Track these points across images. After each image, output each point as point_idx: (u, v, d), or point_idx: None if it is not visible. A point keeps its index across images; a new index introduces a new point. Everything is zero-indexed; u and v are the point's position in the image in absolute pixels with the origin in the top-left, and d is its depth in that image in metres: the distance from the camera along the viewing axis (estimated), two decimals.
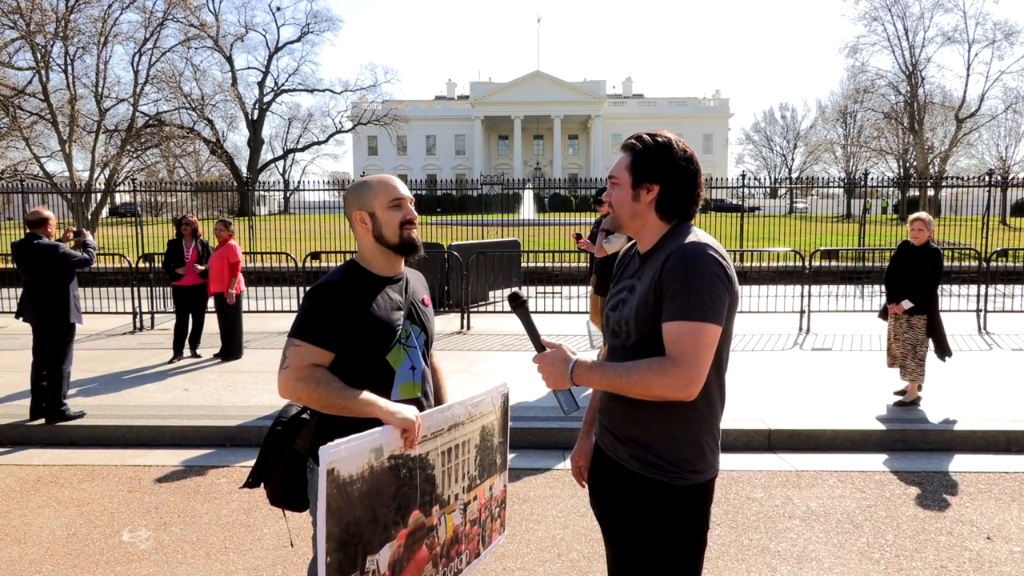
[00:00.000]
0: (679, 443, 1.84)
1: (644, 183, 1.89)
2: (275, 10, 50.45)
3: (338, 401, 1.96)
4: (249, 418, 5.72)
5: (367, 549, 1.85)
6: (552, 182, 24.63)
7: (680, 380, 1.72)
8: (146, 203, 28.54)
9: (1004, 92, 37.05)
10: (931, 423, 5.52)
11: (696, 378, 1.73)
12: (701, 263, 1.75)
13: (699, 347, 1.72)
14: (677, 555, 1.90)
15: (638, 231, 1.95)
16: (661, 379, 1.73)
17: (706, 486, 1.90)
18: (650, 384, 1.74)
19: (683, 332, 1.72)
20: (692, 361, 1.72)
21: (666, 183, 1.88)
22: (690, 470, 1.85)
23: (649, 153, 1.88)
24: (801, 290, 9.72)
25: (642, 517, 1.90)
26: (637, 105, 73.16)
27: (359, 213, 2.14)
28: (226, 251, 7.93)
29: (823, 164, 51.65)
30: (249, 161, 50.06)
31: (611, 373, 1.82)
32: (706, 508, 1.92)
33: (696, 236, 1.84)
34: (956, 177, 16.92)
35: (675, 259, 1.77)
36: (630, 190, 1.91)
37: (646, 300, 1.83)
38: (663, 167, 1.87)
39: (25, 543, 3.88)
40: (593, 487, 2.10)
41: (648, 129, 1.96)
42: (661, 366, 1.74)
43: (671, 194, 1.88)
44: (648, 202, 1.90)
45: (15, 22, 22.11)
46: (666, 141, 1.90)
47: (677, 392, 1.73)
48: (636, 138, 1.94)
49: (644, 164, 1.88)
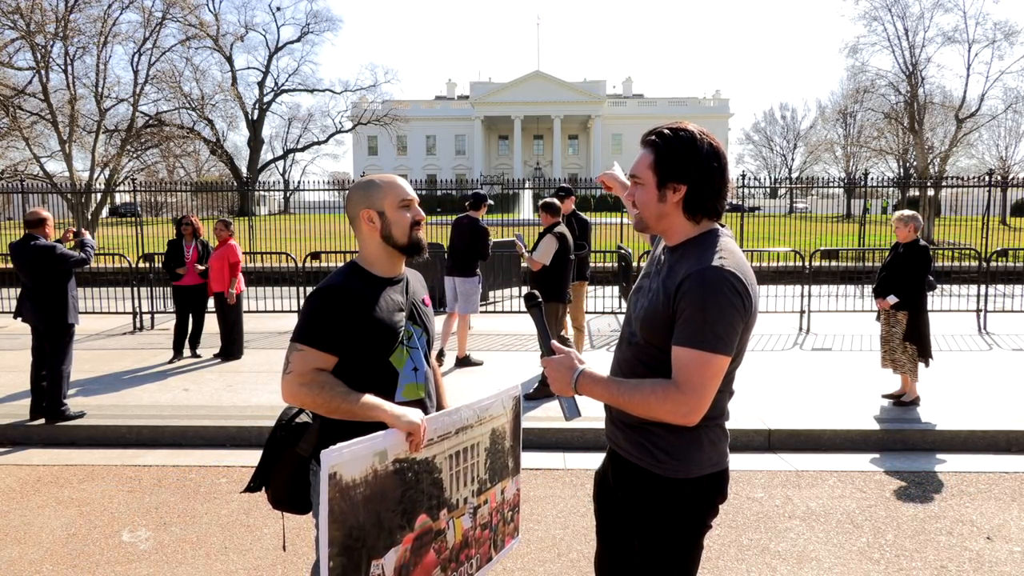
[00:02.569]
0: (675, 431, 1.80)
1: (670, 183, 1.79)
2: (275, 10, 50.55)
3: (342, 405, 1.95)
4: (249, 418, 5.71)
5: (371, 554, 1.84)
6: (552, 182, 24.58)
7: (683, 408, 1.70)
8: (146, 203, 28.54)
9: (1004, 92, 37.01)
10: (931, 423, 5.52)
11: (699, 407, 1.70)
12: (719, 292, 1.68)
13: (705, 377, 1.69)
14: (663, 553, 1.85)
15: (665, 231, 1.87)
16: (663, 404, 1.71)
17: (700, 481, 1.82)
18: (652, 407, 1.73)
19: (691, 360, 1.69)
20: (697, 390, 1.69)
21: (693, 182, 1.77)
22: (682, 460, 1.80)
23: (673, 150, 1.77)
24: (801, 290, 9.72)
25: (631, 508, 1.89)
26: (637, 105, 73.13)
27: (367, 212, 2.11)
28: (226, 251, 7.92)
29: (823, 164, 51.59)
30: (249, 161, 50.06)
31: (614, 389, 1.79)
32: (700, 506, 1.84)
33: (721, 255, 1.74)
34: (956, 177, 16.89)
35: (693, 283, 1.69)
36: (655, 191, 1.81)
37: (656, 311, 1.79)
38: (689, 165, 1.76)
39: (25, 543, 3.88)
40: (598, 482, 2.11)
41: (668, 123, 1.85)
42: (665, 391, 1.71)
43: (699, 193, 1.79)
44: (675, 202, 1.81)
45: (15, 22, 22.07)
46: (690, 135, 1.78)
47: (678, 419, 1.72)
48: (657, 134, 1.82)
49: (669, 162, 1.78)
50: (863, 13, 26.88)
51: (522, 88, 68.44)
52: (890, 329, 6.02)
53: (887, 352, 6.07)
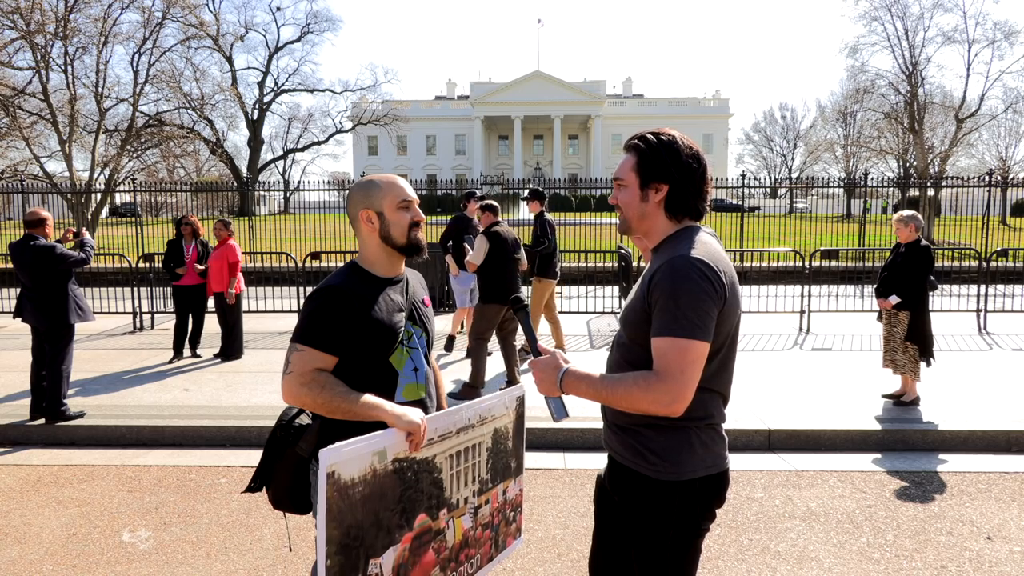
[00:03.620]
0: (664, 432, 1.81)
1: (652, 183, 1.86)
2: (275, 10, 50.47)
3: (343, 405, 1.95)
4: (249, 418, 5.71)
5: (370, 553, 1.84)
6: (552, 182, 24.64)
7: (664, 396, 1.70)
8: (146, 203, 28.55)
9: (1004, 92, 37.00)
10: (931, 423, 5.52)
11: (681, 395, 1.71)
12: (688, 279, 1.71)
13: (684, 363, 1.70)
14: (657, 556, 1.84)
15: (647, 231, 1.92)
16: (645, 394, 1.72)
17: (693, 484, 1.82)
18: (635, 399, 1.73)
19: (668, 348, 1.71)
20: (677, 377, 1.69)
21: (675, 182, 1.85)
22: (672, 462, 1.80)
23: (655, 152, 1.85)
24: (801, 290, 9.72)
25: (626, 511, 1.89)
26: (637, 105, 73.15)
27: (366, 212, 2.12)
28: (225, 251, 7.93)
29: (823, 164, 51.56)
30: (249, 161, 50.03)
31: (598, 384, 1.80)
32: (694, 509, 1.84)
33: (692, 245, 1.79)
34: (956, 177, 16.90)
35: (663, 273, 1.74)
36: (638, 191, 1.88)
37: (635, 308, 1.83)
38: (671, 166, 1.84)
39: (25, 543, 3.88)
40: (599, 485, 2.11)
41: (650, 129, 1.94)
42: (647, 381, 1.72)
43: (680, 193, 1.86)
44: (657, 202, 1.87)
45: (15, 22, 22.09)
46: (671, 139, 1.87)
47: (661, 408, 1.72)
48: (640, 138, 1.90)
49: (651, 164, 1.86)
50: (863, 13, 26.89)
51: (522, 88, 68.46)
52: (891, 329, 6.02)
53: (888, 352, 6.07)
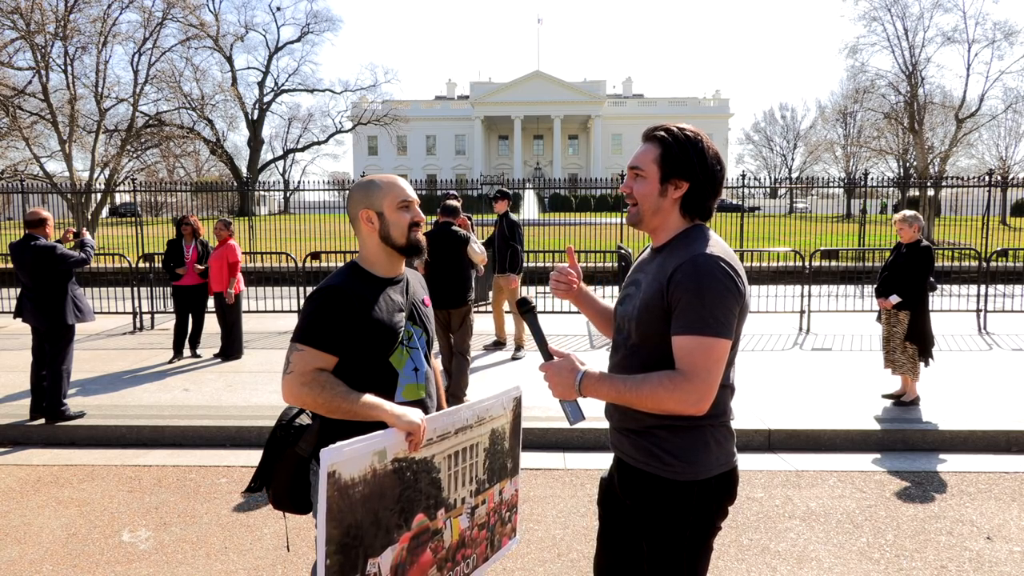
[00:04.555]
0: (680, 433, 1.80)
1: (673, 179, 1.82)
2: (275, 10, 50.46)
3: (343, 405, 1.95)
4: (249, 418, 5.71)
5: (368, 552, 1.84)
6: (552, 182, 24.59)
7: (692, 396, 1.69)
8: (146, 203, 28.54)
9: (1004, 92, 37.06)
10: (931, 423, 5.52)
11: (707, 394, 1.70)
12: (713, 276, 1.70)
13: (710, 362, 1.69)
14: (673, 557, 1.84)
15: (658, 227, 1.89)
16: (672, 394, 1.70)
17: (709, 483, 1.81)
18: (661, 399, 1.71)
19: (695, 347, 1.69)
20: (703, 376, 1.69)
21: (697, 182, 1.81)
22: (690, 462, 1.79)
23: (682, 148, 1.80)
24: (801, 290, 9.72)
25: (640, 514, 1.88)
26: (637, 105, 73.11)
27: (366, 212, 2.12)
28: (225, 251, 7.93)
29: (823, 164, 51.60)
30: (249, 161, 50.02)
31: (621, 386, 1.77)
32: (709, 508, 1.83)
33: (710, 245, 1.78)
34: (956, 177, 16.89)
35: (686, 271, 1.71)
36: (657, 184, 1.83)
37: (649, 306, 1.79)
38: (696, 164, 1.80)
39: (25, 543, 3.88)
40: (603, 488, 2.10)
41: (671, 122, 1.89)
42: (672, 381, 1.70)
43: (699, 193, 1.83)
44: (675, 199, 1.84)
45: (15, 22, 22.09)
46: (696, 136, 1.83)
47: (688, 408, 1.71)
48: (664, 129, 1.85)
49: (676, 159, 1.81)
50: (863, 13, 26.87)
51: (522, 88, 68.43)
52: (891, 329, 6.02)
53: (887, 352, 6.07)
